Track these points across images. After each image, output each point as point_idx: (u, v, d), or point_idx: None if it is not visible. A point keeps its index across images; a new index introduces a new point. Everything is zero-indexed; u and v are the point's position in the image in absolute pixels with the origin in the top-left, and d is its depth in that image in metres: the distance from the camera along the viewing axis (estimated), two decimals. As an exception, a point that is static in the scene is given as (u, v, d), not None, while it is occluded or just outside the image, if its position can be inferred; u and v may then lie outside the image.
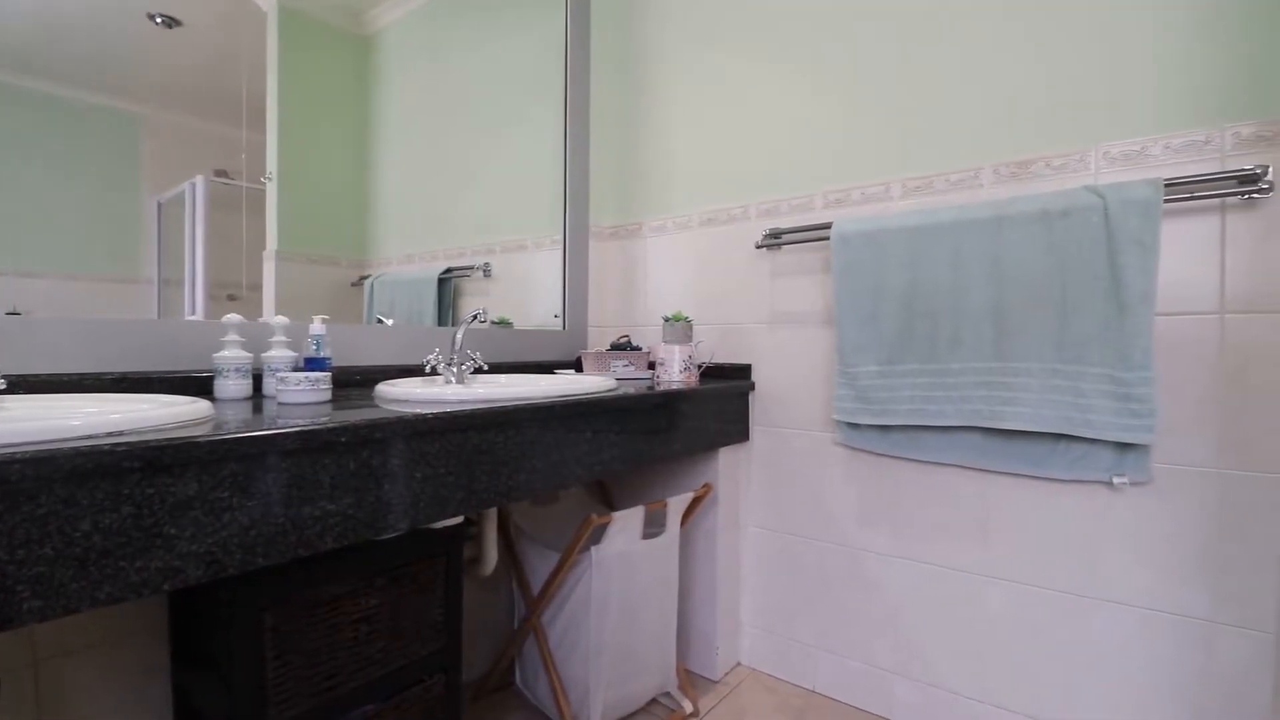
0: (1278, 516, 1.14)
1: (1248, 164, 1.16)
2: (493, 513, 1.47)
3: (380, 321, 1.59)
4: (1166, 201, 1.19)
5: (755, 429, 1.80)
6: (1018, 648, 1.39)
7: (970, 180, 1.45)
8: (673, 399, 1.48)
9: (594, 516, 1.34)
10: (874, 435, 1.53)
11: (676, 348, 1.72)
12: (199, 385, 1.15)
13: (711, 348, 1.86)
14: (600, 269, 2.12)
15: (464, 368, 1.43)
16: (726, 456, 1.74)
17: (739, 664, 1.82)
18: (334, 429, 0.84)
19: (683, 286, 1.95)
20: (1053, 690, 1.35)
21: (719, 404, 1.67)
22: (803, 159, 1.71)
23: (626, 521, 1.40)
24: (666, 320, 1.75)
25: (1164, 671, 1.24)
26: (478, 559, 1.48)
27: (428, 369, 1.40)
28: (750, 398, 1.79)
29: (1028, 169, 1.38)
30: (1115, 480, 1.24)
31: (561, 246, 2.01)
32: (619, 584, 1.42)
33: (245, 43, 1.40)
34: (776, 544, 1.76)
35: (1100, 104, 1.30)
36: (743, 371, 1.80)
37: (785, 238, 1.68)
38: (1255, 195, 1.15)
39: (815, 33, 1.68)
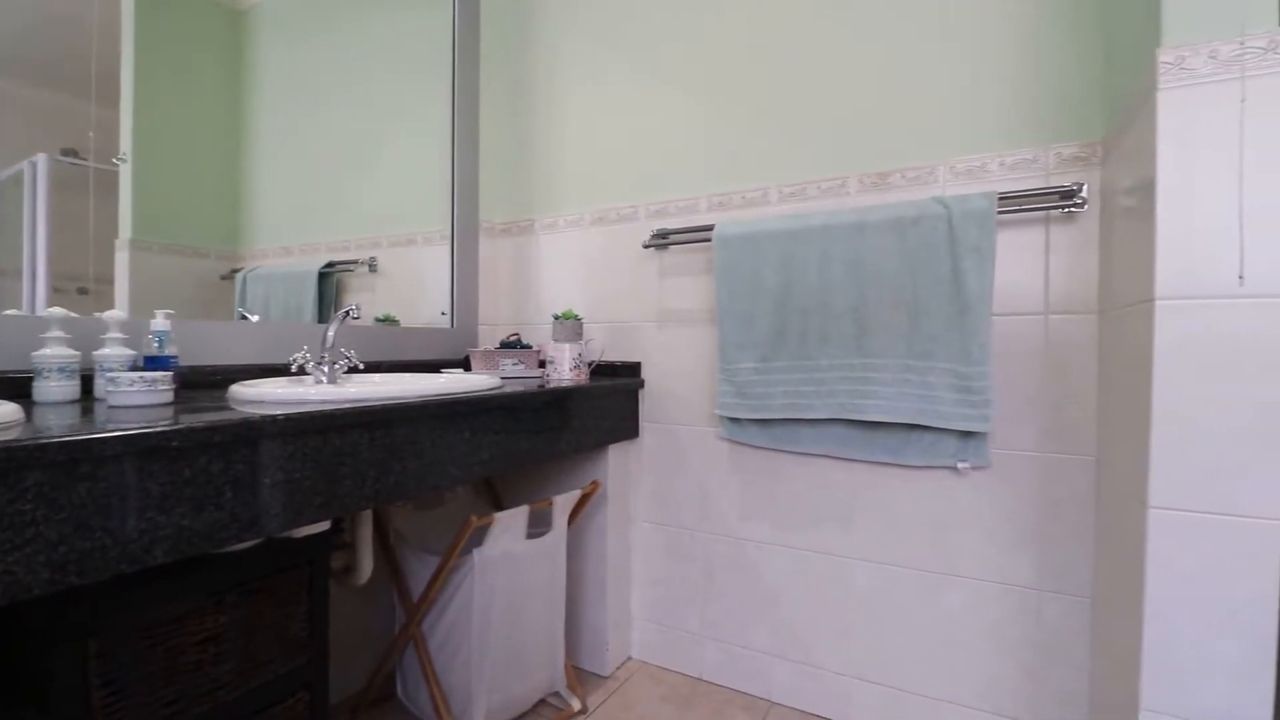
0: (1091, 495, 1.29)
1: (1067, 181, 1.30)
2: (367, 518, 1.41)
3: (244, 318, 1.49)
4: (1001, 213, 1.32)
5: (645, 426, 1.82)
6: (879, 623, 1.50)
7: (838, 188, 1.55)
8: (561, 397, 1.48)
9: (474, 518, 1.31)
10: (754, 429, 1.59)
11: (566, 346, 1.72)
12: (16, 387, 1.03)
13: (602, 346, 1.87)
14: (491, 266, 2.08)
15: (336, 367, 1.37)
16: (616, 453, 1.76)
17: (630, 658, 1.85)
18: (163, 433, 0.78)
19: (575, 284, 1.95)
20: (908, 660, 1.46)
21: (608, 401, 1.68)
22: (691, 162, 1.75)
23: (510, 522, 1.39)
24: (557, 318, 1.75)
25: (1001, 636, 1.37)
26: (352, 567, 1.41)
27: (294, 368, 1.33)
28: (640, 395, 1.82)
29: (887, 180, 1.49)
30: (960, 466, 1.36)
31: (450, 242, 1.96)
32: (503, 586, 1.40)
33: (96, 7, 1.27)
34: (666, 538, 1.80)
35: (948, 123, 1.42)
36: (633, 369, 1.82)
37: (672, 238, 1.72)
38: (1073, 209, 1.29)
39: (701, 44, 1.73)
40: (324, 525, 1.18)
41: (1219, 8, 0.90)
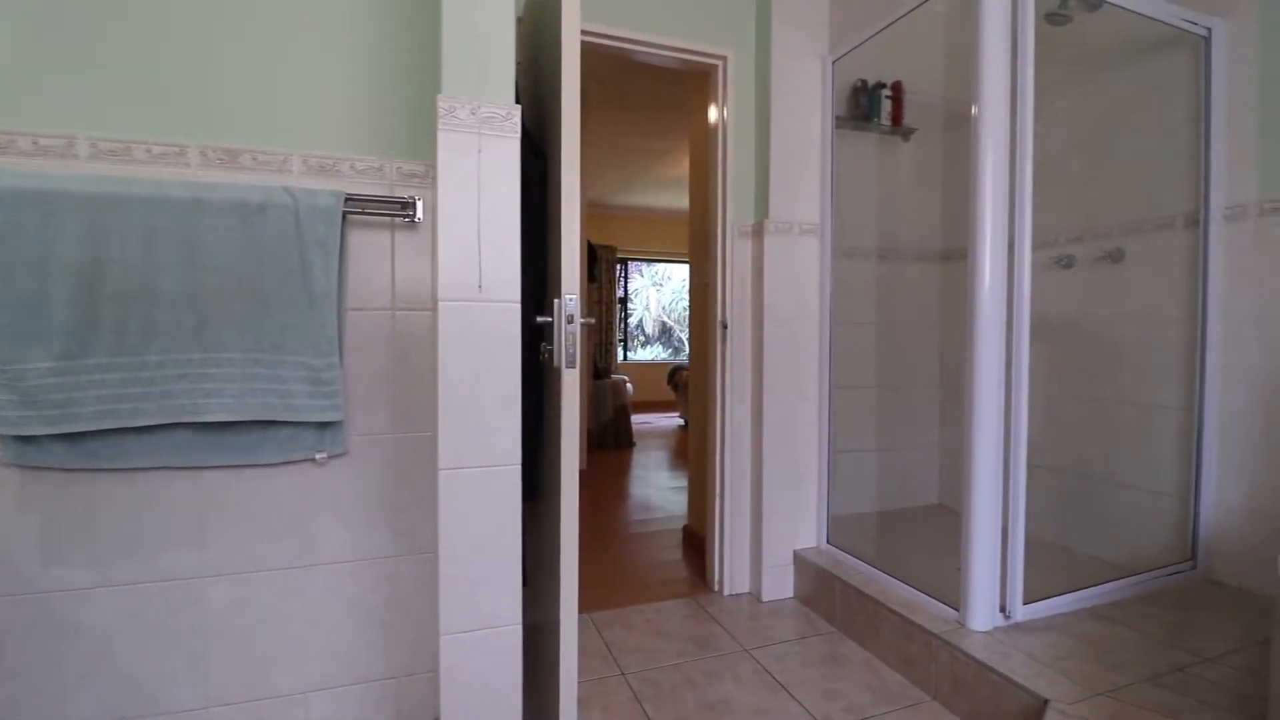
0: (432, 465, 1.51)
1: (405, 194, 1.47)
2: None
3: None
4: (352, 213, 1.40)
5: None
6: (241, 638, 1.39)
7: (176, 157, 1.35)
8: None
9: None
10: (57, 447, 1.24)
11: None
12: None
13: None
14: None
15: None
16: None
17: None
18: None
19: None
20: (275, 662, 1.42)
21: None
22: (-61, 77, 1.22)
23: None
24: None
25: (363, 607, 1.48)
26: None
27: None
28: None
29: (237, 158, 1.38)
30: (318, 456, 1.39)
31: None
32: None
33: None
34: (-96, 622, 1.22)
35: (305, 114, 1.42)
36: None
37: (-106, 181, 1.17)
38: (413, 220, 1.47)
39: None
40: None
41: (476, 75, 1.16)
